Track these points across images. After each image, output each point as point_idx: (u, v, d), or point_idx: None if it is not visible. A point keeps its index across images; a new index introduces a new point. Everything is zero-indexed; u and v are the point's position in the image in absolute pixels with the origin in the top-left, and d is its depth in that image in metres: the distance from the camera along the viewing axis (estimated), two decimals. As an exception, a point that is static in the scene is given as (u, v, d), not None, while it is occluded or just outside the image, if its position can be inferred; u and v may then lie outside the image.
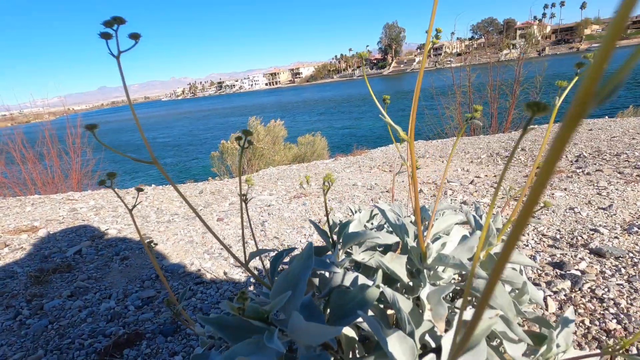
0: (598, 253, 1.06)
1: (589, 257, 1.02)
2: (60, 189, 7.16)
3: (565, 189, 1.71)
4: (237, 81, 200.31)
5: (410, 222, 0.69)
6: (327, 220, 0.63)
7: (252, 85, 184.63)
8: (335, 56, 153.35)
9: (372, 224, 0.84)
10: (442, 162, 3.76)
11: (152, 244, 0.68)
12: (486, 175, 2.80)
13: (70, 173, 7.26)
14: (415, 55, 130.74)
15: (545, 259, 1.02)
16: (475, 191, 2.00)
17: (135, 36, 0.39)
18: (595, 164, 2.56)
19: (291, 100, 71.65)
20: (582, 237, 1.13)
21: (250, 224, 0.64)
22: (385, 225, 0.79)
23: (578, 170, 2.39)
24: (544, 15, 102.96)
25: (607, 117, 5.12)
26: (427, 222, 0.66)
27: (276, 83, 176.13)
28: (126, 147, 31.16)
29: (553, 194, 1.59)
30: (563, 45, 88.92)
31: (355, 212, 0.86)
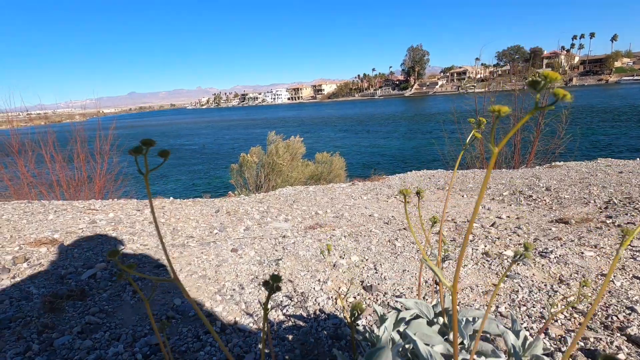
0: (637, 343, 0.96)
1: (626, 347, 0.93)
2: (83, 192, 7.38)
3: (595, 246, 1.61)
4: (260, 94, 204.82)
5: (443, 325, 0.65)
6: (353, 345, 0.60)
7: (274, 99, 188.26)
8: (358, 75, 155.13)
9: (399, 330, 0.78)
10: (462, 196, 3.67)
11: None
12: (508, 217, 2.71)
13: (94, 177, 7.49)
14: (438, 79, 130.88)
15: (578, 343, 0.95)
16: (498, 238, 1.92)
17: (164, 154, 0.40)
18: (627, 214, 2.43)
19: (313, 116, 72.58)
20: (618, 317, 1.05)
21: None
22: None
23: (608, 221, 2.28)
24: (572, 45, 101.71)
25: (639, 159, 4.92)
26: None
27: (298, 98, 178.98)
28: (153, 152, 32.04)
29: (582, 253, 1.50)
30: (591, 77, 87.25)
31: (381, 315, 0.82)
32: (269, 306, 1.13)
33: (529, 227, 2.30)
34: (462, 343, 0.67)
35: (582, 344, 0.98)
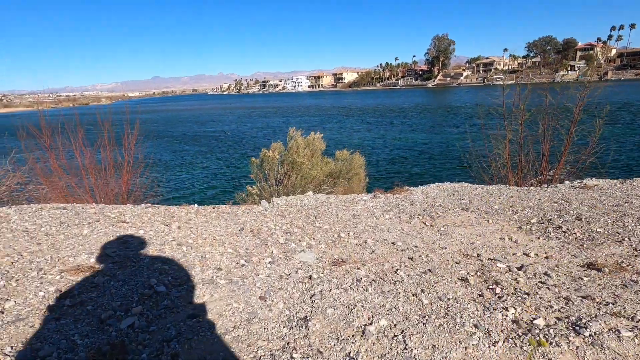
0: None
1: None
2: (111, 184, 7.64)
3: (632, 319, 1.56)
4: (280, 81, 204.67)
5: None
6: None
7: (295, 86, 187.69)
8: (380, 64, 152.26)
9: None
10: (487, 221, 3.59)
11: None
12: (536, 255, 2.64)
13: (122, 169, 7.75)
14: (464, 69, 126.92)
15: None
16: (527, 294, 1.88)
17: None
18: (664, 262, 2.34)
19: (334, 105, 72.12)
20: None
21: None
22: None
23: (644, 270, 2.19)
24: (609, 37, 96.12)
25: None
26: None
27: (319, 86, 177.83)
28: (183, 139, 32.80)
29: (618, 333, 1.45)
30: (628, 71, 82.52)
31: None
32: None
33: (559, 273, 2.25)
34: None
35: None
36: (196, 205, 4.78)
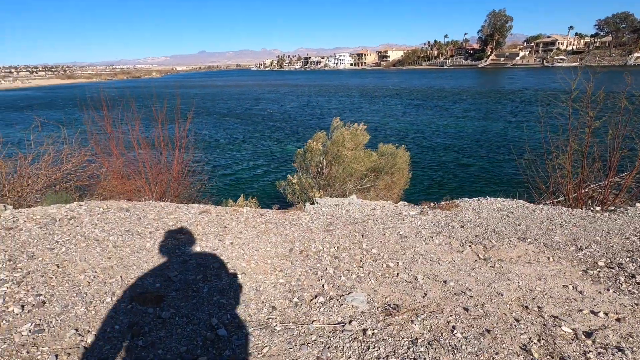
0: None
1: None
2: (164, 174, 8.06)
3: None
4: (323, 58, 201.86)
5: None
6: None
7: (337, 63, 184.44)
8: (428, 42, 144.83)
9: None
10: (548, 258, 3.37)
11: None
12: (606, 315, 2.44)
13: (173, 159, 8.15)
14: (520, 49, 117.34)
15: None
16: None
17: None
18: None
19: (377, 85, 70.14)
20: None
21: None
22: None
23: None
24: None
25: None
26: None
27: (362, 64, 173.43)
28: (230, 116, 33.79)
29: None
30: None
31: None
32: None
33: (635, 347, 2.07)
34: None
35: None
36: (245, 208, 4.93)
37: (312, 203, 5.69)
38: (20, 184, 6.63)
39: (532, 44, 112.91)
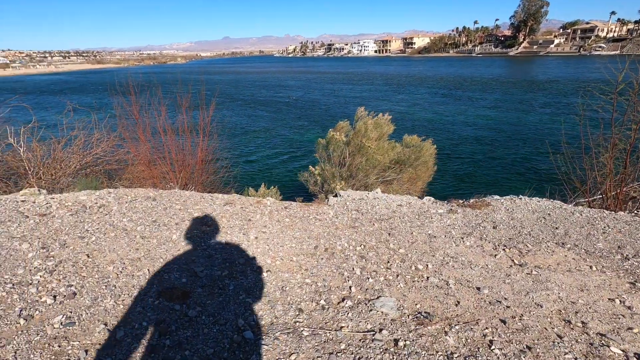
0: None
1: None
2: (187, 161, 8.14)
3: None
4: (346, 44, 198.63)
5: None
6: None
7: (360, 50, 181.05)
8: (457, 28, 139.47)
9: None
10: (590, 267, 3.15)
11: None
12: (659, 335, 2.25)
13: (197, 148, 8.20)
14: (555, 36, 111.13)
15: None
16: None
17: None
18: None
19: (402, 73, 68.40)
20: None
21: None
22: None
23: None
24: None
25: None
26: None
27: (386, 51, 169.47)
28: (254, 103, 33.89)
29: None
30: None
31: None
32: None
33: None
34: None
35: None
36: (268, 200, 4.88)
37: (335, 195, 5.59)
38: (54, 167, 6.86)
39: (569, 31, 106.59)
